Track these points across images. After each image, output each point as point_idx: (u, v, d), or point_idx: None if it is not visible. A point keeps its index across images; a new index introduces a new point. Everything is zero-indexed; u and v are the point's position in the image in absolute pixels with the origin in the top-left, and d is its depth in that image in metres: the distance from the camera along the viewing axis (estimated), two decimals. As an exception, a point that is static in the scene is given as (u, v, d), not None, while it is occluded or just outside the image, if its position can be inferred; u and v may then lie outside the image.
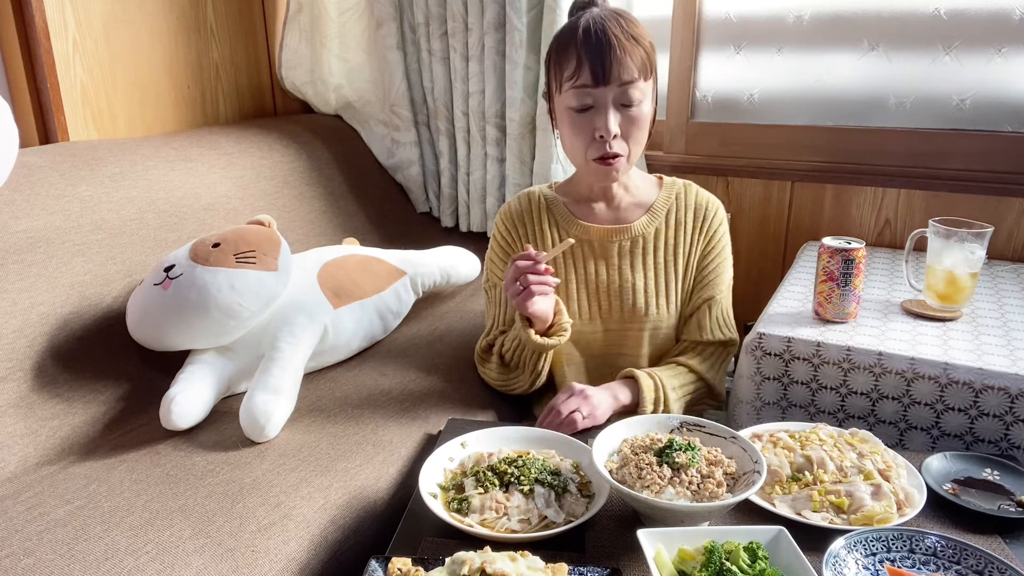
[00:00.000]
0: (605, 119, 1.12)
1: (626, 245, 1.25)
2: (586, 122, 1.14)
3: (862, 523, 0.85)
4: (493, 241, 1.33)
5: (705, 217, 1.27)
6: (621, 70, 1.11)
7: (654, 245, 1.26)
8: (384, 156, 2.12)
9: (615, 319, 1.26)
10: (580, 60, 1.12)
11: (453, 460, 0.98)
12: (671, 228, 1.26)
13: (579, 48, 1.12)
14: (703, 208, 1.27)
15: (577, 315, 1.26)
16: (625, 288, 1.25)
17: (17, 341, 1.19)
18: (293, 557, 0.93)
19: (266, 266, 1.25)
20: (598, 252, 1.26)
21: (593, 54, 1.11)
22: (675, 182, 1.30)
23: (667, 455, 0.88)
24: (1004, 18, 1.53)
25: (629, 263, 1.25)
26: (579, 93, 1.13)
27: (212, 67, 1.94)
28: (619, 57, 1.10)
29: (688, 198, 1.28)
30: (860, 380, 1.15)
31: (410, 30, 1.98)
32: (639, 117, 1.15)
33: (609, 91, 1.12)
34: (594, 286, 1.26)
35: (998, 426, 1.07)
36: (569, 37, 1.14)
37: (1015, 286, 1.42)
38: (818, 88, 1.74)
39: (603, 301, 1.26)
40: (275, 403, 1.13)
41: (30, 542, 0.88)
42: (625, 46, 1.11)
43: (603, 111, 1.13)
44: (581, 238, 1.26)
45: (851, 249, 1.21)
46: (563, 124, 1.19)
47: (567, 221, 1.27)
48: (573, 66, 1.13)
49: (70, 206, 1.35)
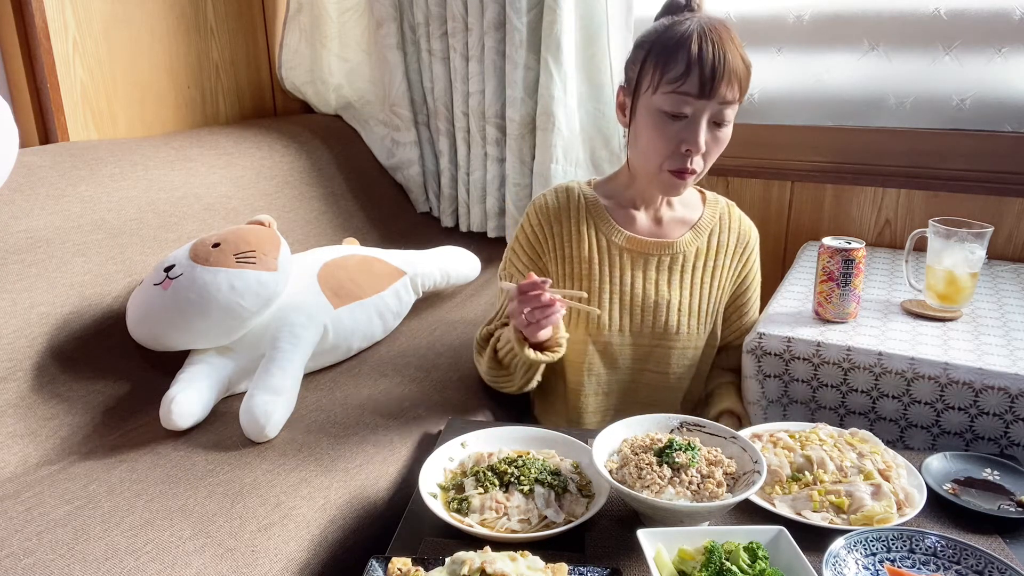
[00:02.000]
0: (697, 134, 1.08)
1: (666, 260, 1.22)
2: (675, 131, 1.09)
3: (862, 523, 0.85)
4: (521, 233, 1.26)
5: (748, 244, 1.27)
6: (727, 89, 1.06)
7: (693, 264, 1.23)
8: (384, 156, 2.12)
9: (646, 335, 1.23)
10: (691, 66, 1.05)
11: (453, 460, 0.98)
12: (712, 248, 1.24)
13: (691, 53, 1.05)
14: (746, 235, 1.27)
15: (607, 326, 1.22)
16: (660, 305, 1.22)
17: (17, 341, 1.19)
18: (293, 557, 0.93)
19: (266, 266, 1.25)
20: (636, 263, 1.22)
21: (706, 65, 1.05)
22: (718, 200, 1.28)
23: (667, 455, 0.88)
24: (1004, 18, 1.53)
25: (667, 279, 1.22)
26: (679, 99, 1.07)
27: (212, 67, 1.94)
28: (729, 74, 1.06)
29: (732, 221, 1.26)
30: (860, 380, 1.15)
31: (410, 30, 1.98)
32: (725, 139, 1.12)
33: (708, 106, 1.07)
34: (628, 298, 1.22)
35: (998, 425, 1.07)
36: (680, 40, 1.07)
37: (1015, 286, 1.42)
38: (818, 88, 1.74)
39: (635, 315, 1.22)
40: (275, 403, 1.13)
41: (30, 542, 0.88)
42: (737, 66, 1.06)
43: (696, 125, 1.08)
44: (622, 247, 1.21)
45: (851, 249, 1.20)
46: (645, 126, 1.12)
47: (608, 226, 1.22)
48: (681, 69, 1.06)
49: (70, 206, 1.35)
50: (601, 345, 1.23)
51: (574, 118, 1.76)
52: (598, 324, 1.22)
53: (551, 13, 1.68)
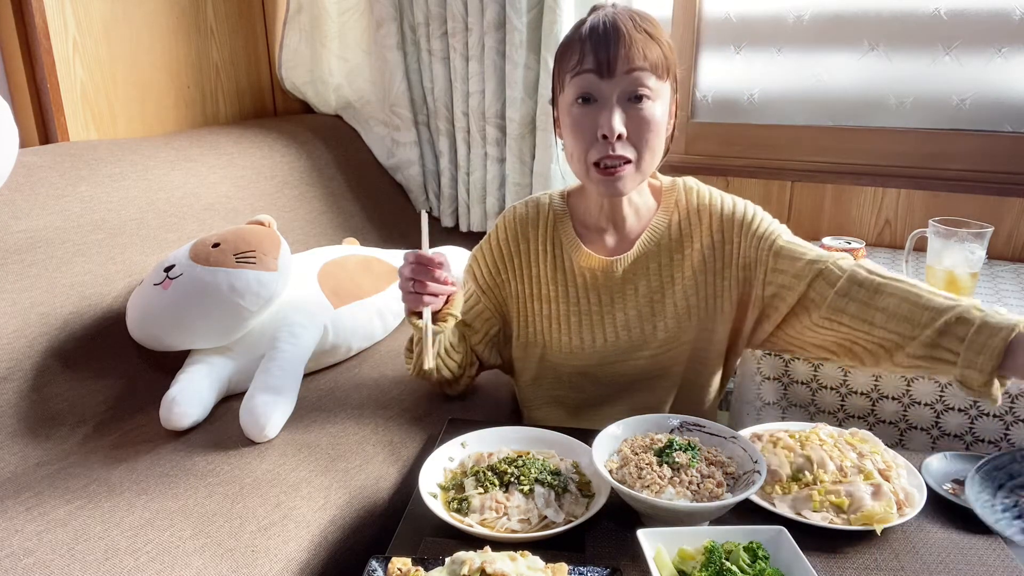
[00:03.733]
0: (609, 116, 1.00)
1: (630, 273, 1.13)
2: (588, 119, 1.02)
3: (862, 523, 0.85)
4: (486, 242, 1.21)
5: (714, 214, 1.11)
6: (629, 60, 0.99)
7: (659, 263, 1.13)
8: (384, 156, 2.12)
9: (622, 349, 1.15)
10: (584, 50, 1.01)
11: (453, 460, 0.98)
12: (674, 239, 1.13)
13: (584, 39, 1.01)
14: (706, 207, 1.12)
15: (580, 348, 1.15)
16: (630, 319, 1.13)
17: (17, 341, 1.19)
18: (293, 557, 0.93)
19: (266, 266, 1.25)
20: (601, 283, 1.13)
21: (599, 42, 0.99)
22: (674, 185, 1.15)
23: (667, 455, 0.88)
24: (1004, 18, 1.54)
25: (634, 290, 1.13)
26: (581, 82, 1.01)
27: (212, 67, 1.94)
28: (627, 47, 0.99)
29: (689, 202, 1.13)
30: (860, 380, 1.15)
31: (410, 30, 1.98)
32: (650, 117, 1.01)
33: (616, 85, 1.00)
34: (599, 317, 1.14)
35: (998, 426, 1.07)
36: (575, 32, 1.04)
37: (1015, 286, 1.42)
38: (818, 88, 1.74)
39: (609, 334, 1.14)
40: (275, 403, 1.13)
41: (30, 542, 0.88)
42: (636, 37, 0.99)
43: (607, 107, 1.00)
44: (584, 267, 1.13)
45: (851, 249, 1.21)
46: (565, 127, 1.06)
47: (572, 246, 1.14)
48: (577, 56, 1.01)
49: (70, 206, 1.35)
50: (576, 368, 1.17)
51: (574, 118, 1.76)
52: (570, 349, 1.15)
53: (551, 13, 1.68)
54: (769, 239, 1.09)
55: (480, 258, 1.22)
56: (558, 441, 1.01)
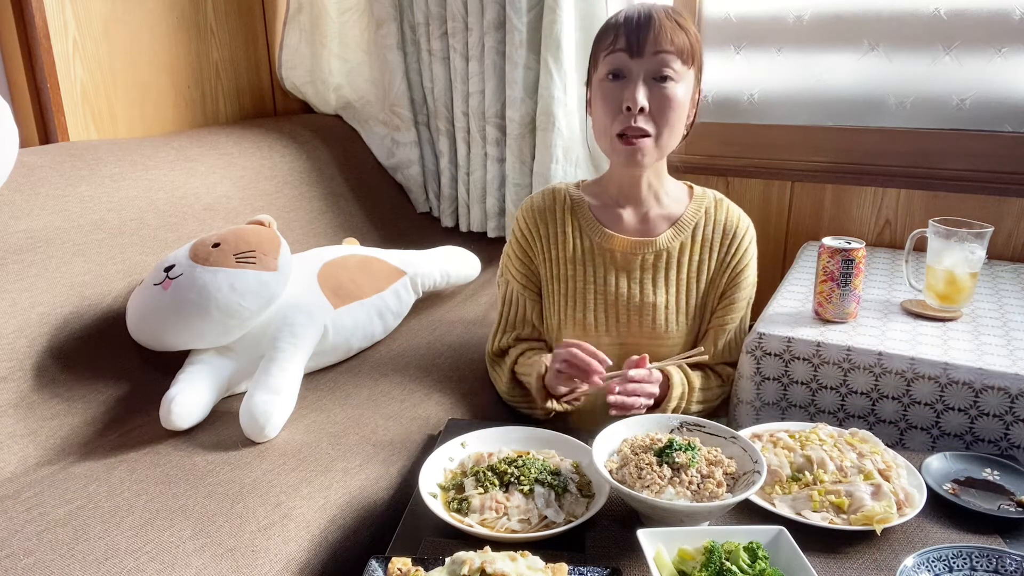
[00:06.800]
0: (634, 89, 1.10)
1: (649, 259, 1.22)
2: (616, 92, 1.12)
3: (862, 523, 0.85)
4: (512, 237, 1.30)
5: (734, 238, 1.23)
6: (658, 42, 1.10)
7: (678, 261, 1.22)
8: (384, 156, 2.12)
9: (632, 334, 1.23)
10: (618, 33, 1.12)
11: (453, 460, 0.98)
12: (697, 243, 1.23)
13: (619, 21, 1.13)
14: (732, 228, 1.23)
15: (593, 327, 1.23)
16: (646, 305, 1.22)
17: (17, 341, 1.19)
18: (293, 557, 0.93)
19: (266, 266, 1.25)
20: (620, 264, 1.22)
21: (631, 26, 1.11)
22: (705, 194, 1.26)
23: (667, 455, 0.88)
24: (1004, 18, 1.53)
25: (651, 278, 1.22)
26: (613, 59, 1.12)
27: (212, 67, 1.94)
28: (657, 31, 1.10)
29: (719, 215, 1.24)
30: (860, 380, 1.15)
31: (410, 30, 1.98)
32: (672, 96, 1.11)
33: (644, 64, 1.11)
34: (613, 298, 1.22)
35: (998, 426, 1.07)
36: (613, 18, 1.15)
37: (1015, 286, 1.42)
38: (818, 88, 1.74)
39: (621, 315, 1.22)
40: (275, 403, 1.13)
41: (30, 542, 0.88)
42: (665, 24, 1.10)
43: (633, 82, 1.11)
44: (605, 247, 1.22)
45: (851, 249, 1.20)
46: (595, 101, 1.17)
47: (592, 227, 1.23)
48: (611, 37, 1.13)
49: (70, 206, 1.35)
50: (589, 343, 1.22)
51: (574, 118, 1.76)
52: (584, 326, 1.22)
53: (551, 13, 1.68)
54: (739, 275, 1.24)
55: (511, 256, 1.30)
56: (558, 441, 1.01)
